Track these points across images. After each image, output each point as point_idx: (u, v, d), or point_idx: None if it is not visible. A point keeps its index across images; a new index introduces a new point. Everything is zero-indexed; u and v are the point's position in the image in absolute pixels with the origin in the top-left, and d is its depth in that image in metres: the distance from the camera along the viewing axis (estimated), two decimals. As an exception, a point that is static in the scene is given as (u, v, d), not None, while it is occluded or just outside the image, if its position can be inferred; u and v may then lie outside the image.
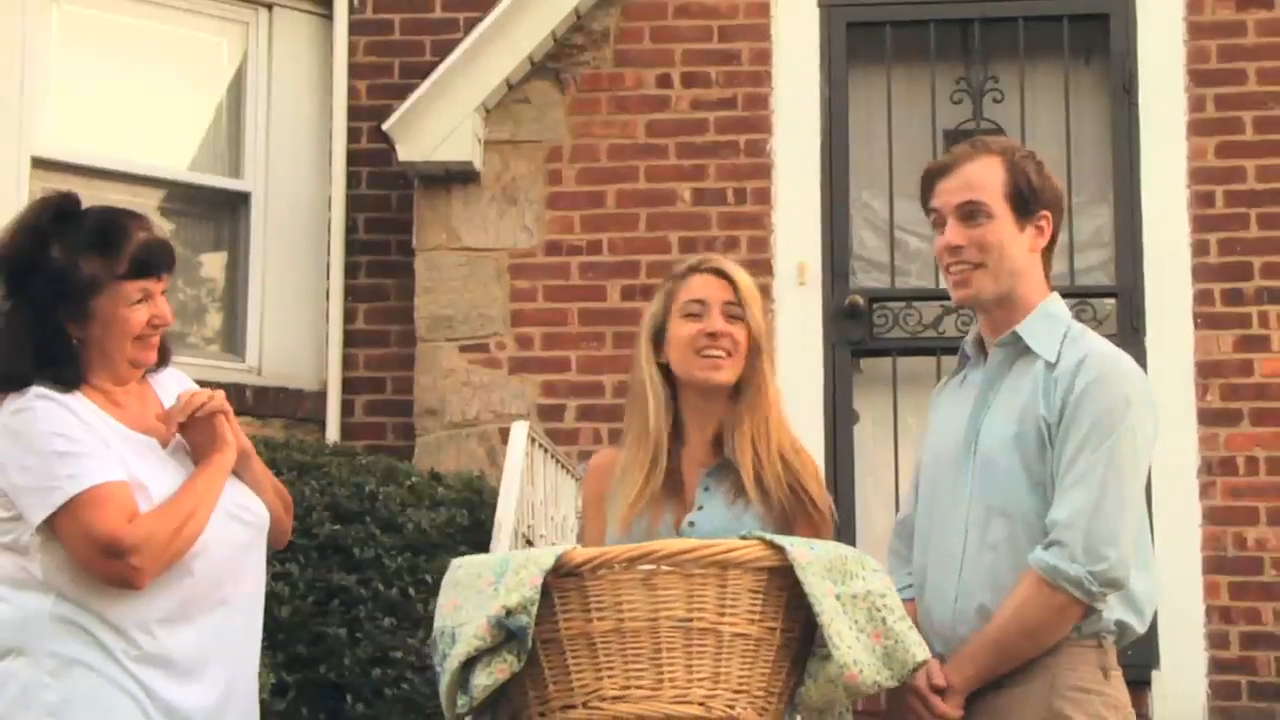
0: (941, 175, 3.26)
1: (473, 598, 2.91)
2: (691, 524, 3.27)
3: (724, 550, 2.85)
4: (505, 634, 2.84)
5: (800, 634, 2.93)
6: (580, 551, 2.89)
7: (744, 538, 2.92)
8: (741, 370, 3.31)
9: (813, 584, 2.85)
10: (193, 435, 3.18)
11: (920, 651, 2.92)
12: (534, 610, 2.83)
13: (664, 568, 2.84)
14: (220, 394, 3.23)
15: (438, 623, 2.99)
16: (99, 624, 3.01)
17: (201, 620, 3.09)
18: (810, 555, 2.88)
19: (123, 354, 3.15)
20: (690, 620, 2.84)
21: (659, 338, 3.37)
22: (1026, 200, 3.21)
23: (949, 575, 3.17)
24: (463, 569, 3.01)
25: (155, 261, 3.17)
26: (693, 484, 3.33)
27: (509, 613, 2.82)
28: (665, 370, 3.37)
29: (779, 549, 2.87)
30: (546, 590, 2.86)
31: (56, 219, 3.14)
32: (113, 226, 3.16)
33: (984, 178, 3.21)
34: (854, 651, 2.85)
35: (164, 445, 3.17)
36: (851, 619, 2.87)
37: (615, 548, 2.92)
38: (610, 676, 2.85)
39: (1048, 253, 3.28)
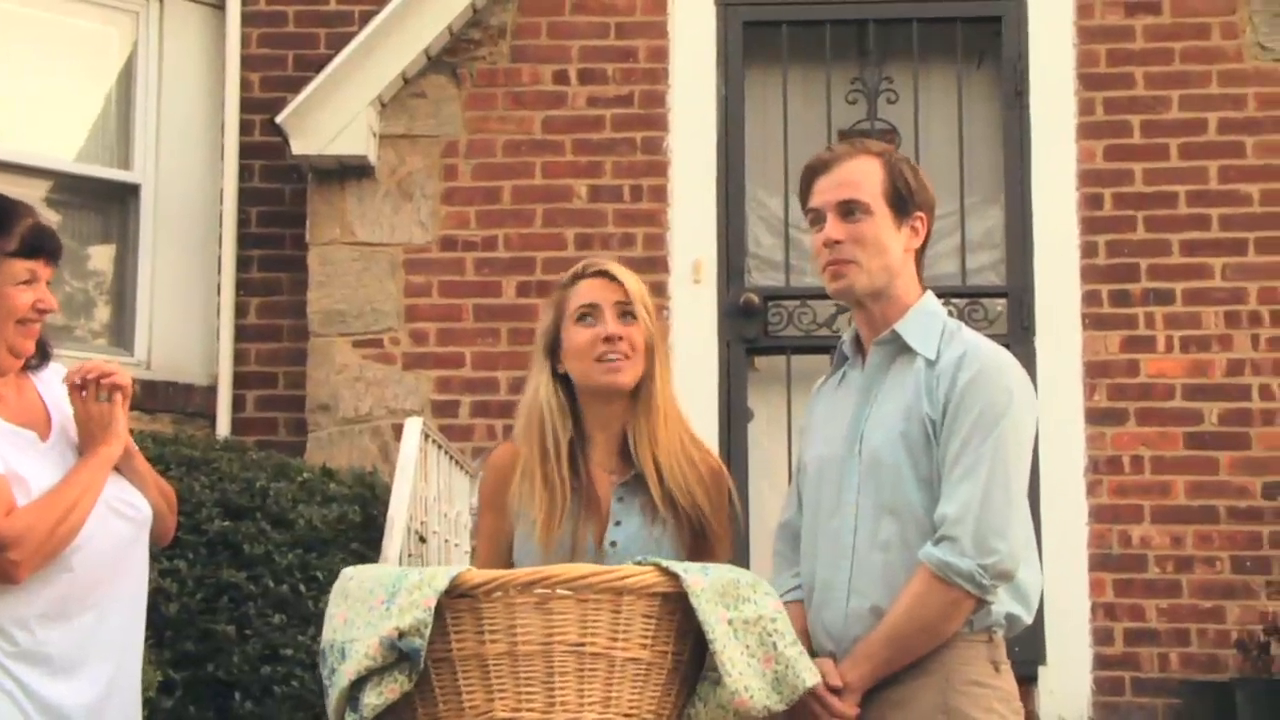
0: (821, 172, 3.30)
1: (364, 614, 2.90)
2: (614, 543, 3.27)
3: (619, 577, 2.87)
4: (397, 654, 2.84)
5: (690, 656, 2.95)
6: (475, 573, 2.88)
7: (639, 563, 2.94)
8: (642, 372, 3.31)
9: (706, 610, 2.87)
10: (86, 412, 3.13)
11: (810, 677, 2.95)
12: (427, 632, 2.82)
13: (560, 592, 2.85)
14: (126, 373, 3.18)
15: (326, 635, 2.97)
16: None
17: (81, 617, 3.05)
18: (704, 582, 2.90)
19: (3, 338, 3.10)
20: (584, 645, 2.85)
21: (554, 349, 3.36)
22: (904, 200, 3.26)
23: (839, 575, 3.19)
24: (354, 581, 2.99)
25: (44, 246, 3.14)
26: (606, 494, 3.32)
27: (401, 634, 2.82)
28: (564, 380, 3.35)
29: (674, 575, 2.89)
30: (440, 610, 2.85)
31: None
32: (3, 206, 3.13)
33: (863, 176, 3.26)
34: (745, 678, 2.88)
35: (44, 439, 3.12)
36: (743, 644, 2.90)
37: (510, 571, 2.92)
38: (502, 698, 2.85)
39: (921, 254, 3.33)
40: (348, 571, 3.05)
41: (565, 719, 2.84)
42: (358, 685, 2.88)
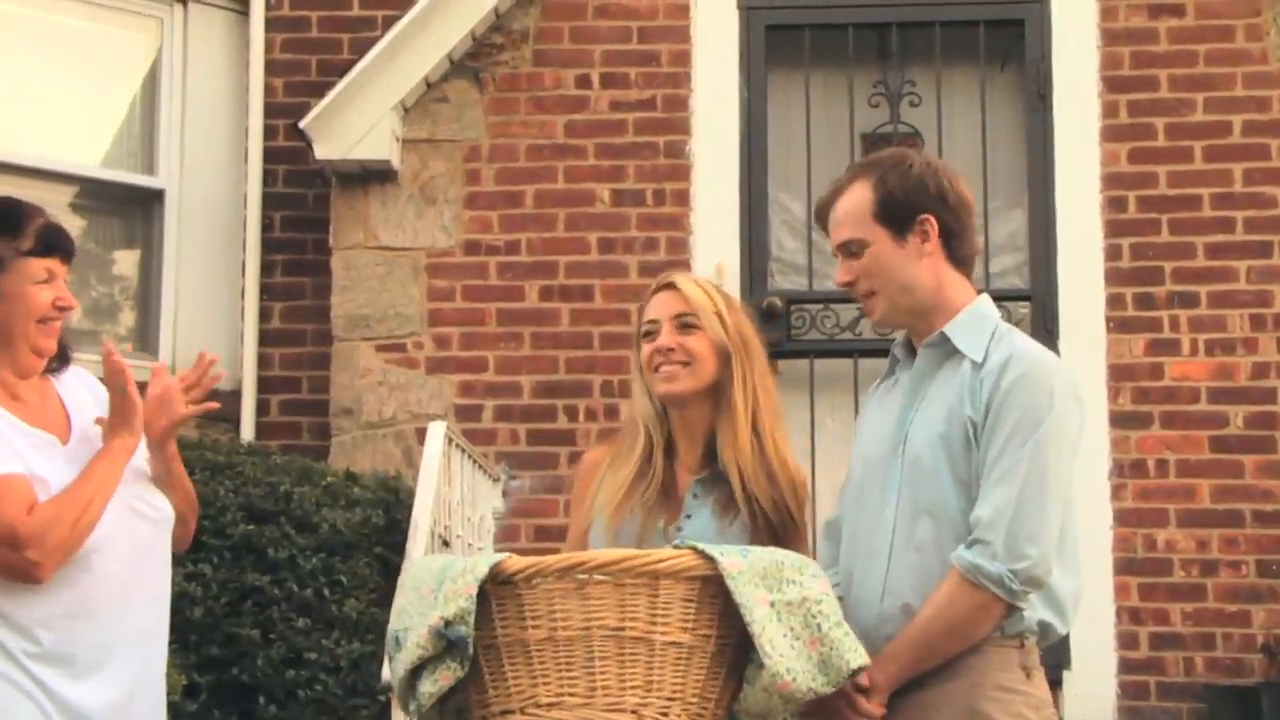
0: (824, 217, 3.32)
1: (417, 603, 2.95)
2: (679, 529, 3.30)
3: (655, 560, 2.87)
4: (445, 643, 2.87)
5: (737, 641, 2.93)
6: (515, 560, 2.90)
7: (676, 547, 2.94)
8: (711, 378, 3.34)
9: (743, 593, 2.86)
10: (120, 400, 3.13)
11: (855, 658, 2.94)
12: (471, 620, 2.85)
13: (597, 577, 2.86)
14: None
15: (390, 624, 3.04)
16: None
17: (103, 616, 3.06)
18: (742, 564, 2.89)
19: (26, 336, 3.11)
20: (623, 629, 2.86)
21: None
22: (898, 212, 3.22)
23: (874, 575, 3.18)
24: (412, 571, 3.06)
25: (60, 244, 3.15)
26: (685, 490, 3.37)
27: (447, 623, 2.85)
28: None
29: (710, 559, 2.89)
30: (487, 597, 2.88)
31: None
32: (15, 207, 3.15)
33: (851, 209, 3.25)
34: (787, 660, 2.87)
35: (64, 443, 3.14)
36: (787, 626, 2.89)
37: (549, 557, 2.94)
38: (545, 684, 2.87)
39: (952, 251, 3.26)
40: (409, 561, 3.12)
41: (607, 703, 2.85)
42: (415, 674, 2.93)
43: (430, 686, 2.90)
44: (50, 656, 3.00)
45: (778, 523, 3.30)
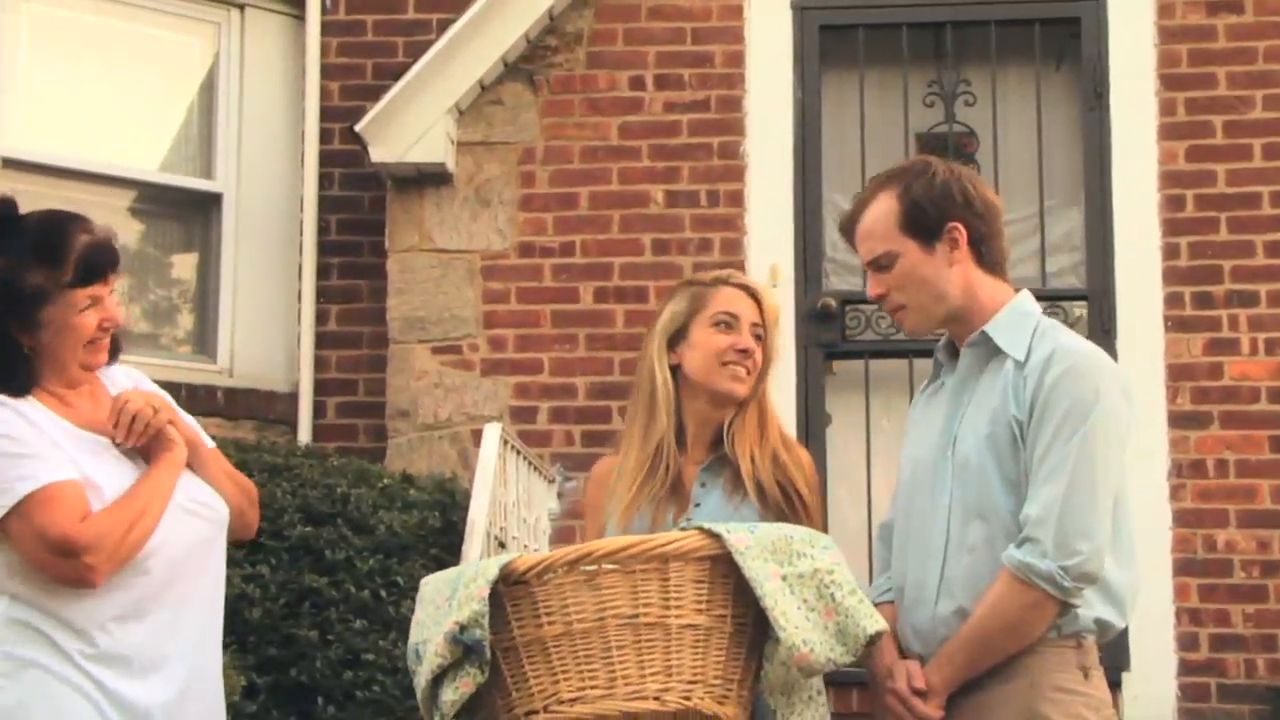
0: (850, 233, 3.33)
1: (433, 614, 2.96)
2: (689, 520, 3.31)
3: (662, 544, 2.88)
4: (463, 649, 2.87)
5: (754, 619, 2.93)
6: (524, 558, 2.91)
7: (682, 529, 2.95)
8: (754, 386, 3.44)
9: (753, 568, 2.87)
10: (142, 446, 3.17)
11: (872, 624, 2.93)
12: (485, 622, 2.86)
13: (606, 566, 2.87)
14: (159, 399, 3.20)
15: (410, 639, 3.04)
16: (54, 625, 3.00)
17: (158, 617, 3.08)
18: (749, 540, 2.89)
19: (74, 359, 3.14)
20: (637, 616, 2.86)
21: (676, 338, 3.46)
22: (925, 221, 3.21)
23: (929, 578, 3.18)
24: (430, 585, 3.06)
25: (100, 265, 3.14)
26: (691, 483, 3.41)
27: (462, 628, 2.86)
28: (673, 371, 3.46)
29: (716, 536, 2.89)
30: (500, 600, 2.89)
31: None
32: (55, 233, 3.13)
33: (876, 223, 3.25)
34: (802, 631, 2.87)
35: (116, 443, 3.16)
36: (800, 598, 2.89)
37: (557, 552, 2.95)
38: (565, 679, 2.87)
39: (982, 254, 3.25)
40: (425, 579, 3.10)
41: (628, 692, 2.85)
42: (437, 684, 2.93)
43: (452, 695, 2.90)
44: (106, 657, 3.02)
45: (784, 503, 3.34)
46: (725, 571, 2.89)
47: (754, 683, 2.97)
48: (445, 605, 2.92)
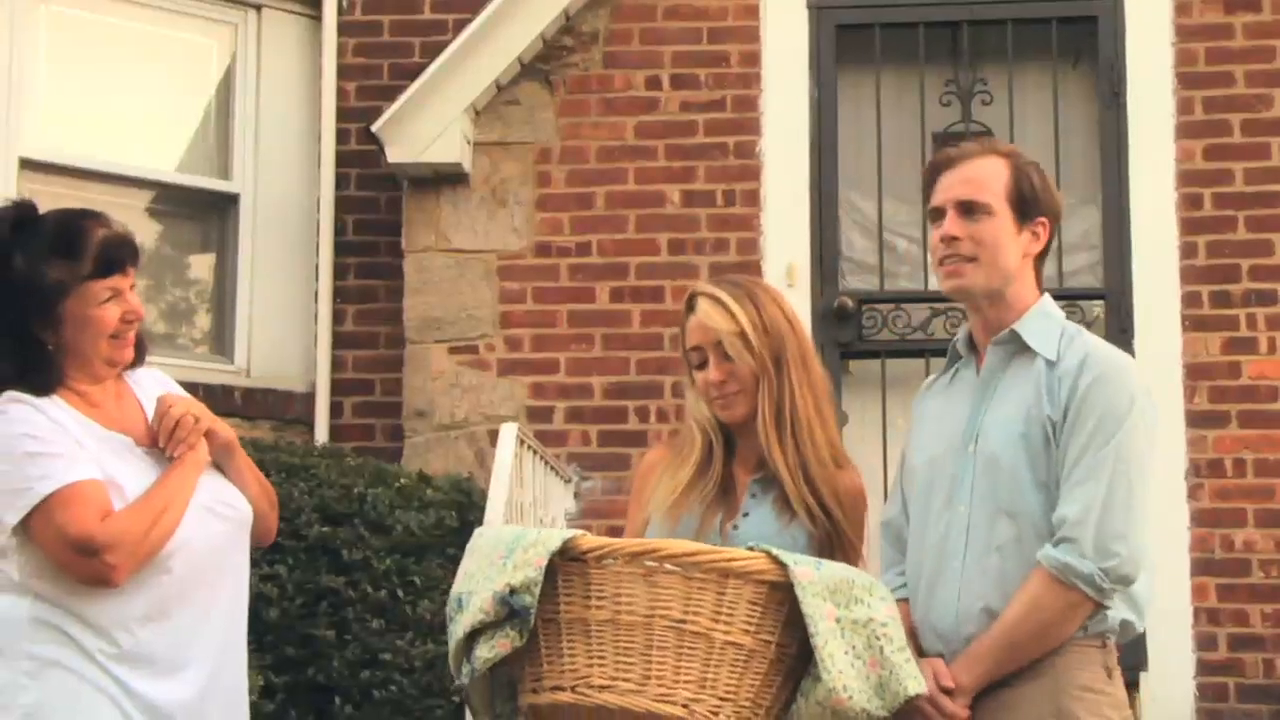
0: (945, 169, 3.30)
1: (484, 568, 2.96)
2: (735, 527, 3.31)
3: (727, 558, 2.87)
4: (508, 610, 2.88)
5: (798, 651, 2.93)
6: (588, 538, 2.92)
7: (750, 549, 2.93)
8: (757, 397, 3.35)
9: (811, 604, 2.86)
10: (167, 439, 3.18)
11: (914, 685, 2.92)
12: (537, 591, 2.87)
13: (667, 567, 2.87)
14: (198, 406, 3.21)
15: (454, 587, 3.04)
16: (77, 624, 3.01)
17: (181, 617, 3.08)
18: (814, 575, 2.88)
19: (98, 353, 3.15)
20: (684, 622, 2.86)
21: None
22: (1027, 204, 3.24)
23: (949, 574, 3.18)
24: (484, 537, 3.07)
25: (119, 258, 3.15)
26: (744, 489, 3.39)
27: (513, 591, 2.87)
28: None
29: (783, 565, 2.88)
30: (553, 572, 2.89)
31: (15, 228, 3.13)
32: (72, 228, 3.15)
33: (988, 176, 3.25)
34: (845, 677, 2.86)
35: (139, 444, 3.17)
36: (849, 644, 2.88)
37: (622, 540, 2.96)
38: (600, 665, 2.88)
39: (1040, 259, 3.31)
40: (479, 529, 3.13)
41: (659, 692, 2.84)
42: (473, 637, 2.94)
43: (487, 652, 2.91)
44: (129, 657, 3.03)
45: (830, 531, 3.30)
46: (782, 600, 2.89)
47: (781, 713, 2.96)
48: (500, 564, 2.92)
